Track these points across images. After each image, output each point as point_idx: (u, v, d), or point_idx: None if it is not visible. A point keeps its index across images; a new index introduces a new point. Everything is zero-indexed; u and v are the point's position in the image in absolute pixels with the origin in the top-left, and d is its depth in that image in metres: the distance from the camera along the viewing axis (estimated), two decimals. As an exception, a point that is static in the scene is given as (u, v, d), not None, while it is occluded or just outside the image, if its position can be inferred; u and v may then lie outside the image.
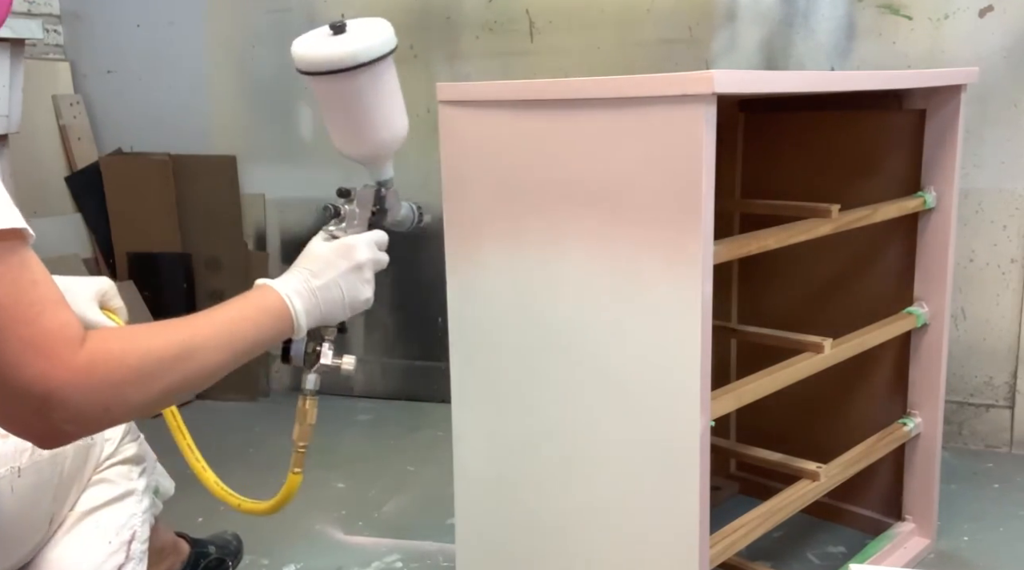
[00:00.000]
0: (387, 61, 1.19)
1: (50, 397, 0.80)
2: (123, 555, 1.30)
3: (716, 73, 1.22)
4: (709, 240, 1.29)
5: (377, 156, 1.27)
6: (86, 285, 1.32)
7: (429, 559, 1.98)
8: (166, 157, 3.04)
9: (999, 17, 2.30)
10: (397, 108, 1.24)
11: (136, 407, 0.88)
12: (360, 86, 1.17)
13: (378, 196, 1.28)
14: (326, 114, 1.23)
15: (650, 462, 1.39)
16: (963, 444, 2.48)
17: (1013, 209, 2.37)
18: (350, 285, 1.15)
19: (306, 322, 1.10)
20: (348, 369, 1.22)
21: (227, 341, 0.97)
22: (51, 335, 0.81)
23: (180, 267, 3.04)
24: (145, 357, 0.87)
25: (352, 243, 1.17)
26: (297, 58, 1.18)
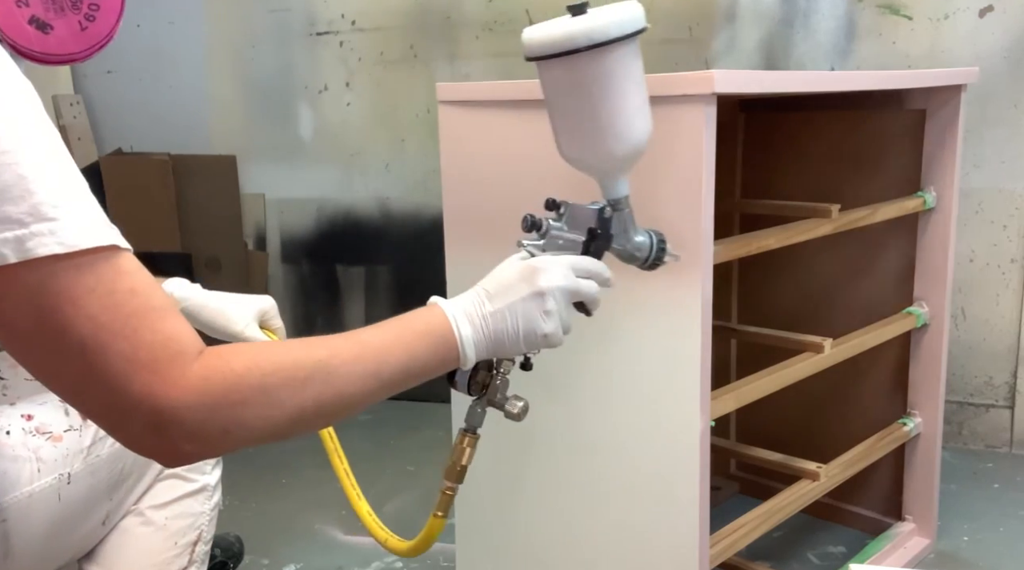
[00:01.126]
0: (632, 44, 1.00)
1: (161, 415, 0.72)
2: (187, 558, 1.26)
3: (716, 73, 1.22)
4: (709, 240, 1.29)
5: (609, 165, 1.07)
6: (248, 303, 1.28)
7: (429, 559, 1.98)
8: (166, 157, 3.04)
9: (999, 17, 2.30)
10: (640, 105, 1.04)
11: (260, 432, 0.78)
12: (599, 70, 0.99)
13: (601, 217, 1.05)
14: (555, 111, 1.05)
15: (650, 462, 1.39)
16: (963, 444, 2.48)
17: (1013, 209, 2.37)
18: (527, 315, 0.95)
19: (474, 353, 0.93)
20: (512, 412, 1.04)
21: (373, 368, 0.85)
22: (155, 348, 0.73)
23: (180, 267, 3.04)
24: (269, 376, 0.77)
25: (539, 265, 0.97)
26: (528, 41, 1.01)
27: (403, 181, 2.92)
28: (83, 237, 0.72)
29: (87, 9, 0.96)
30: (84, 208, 0.74)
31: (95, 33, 0.96)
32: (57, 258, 0.71)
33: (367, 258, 3.02)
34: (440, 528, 1.08)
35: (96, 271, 0.72)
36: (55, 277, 0.71)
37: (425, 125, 2.83)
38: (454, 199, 1.59)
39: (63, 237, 0.71)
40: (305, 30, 2.96)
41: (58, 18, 0.96)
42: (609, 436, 1.44)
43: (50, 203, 0.71)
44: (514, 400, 1.04)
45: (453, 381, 1.02)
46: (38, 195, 0.70)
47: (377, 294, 3.01)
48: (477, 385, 1.03)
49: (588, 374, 1.45)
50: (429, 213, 2.88)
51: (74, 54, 0.98)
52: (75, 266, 0.72)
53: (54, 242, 0.70)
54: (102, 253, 0.73)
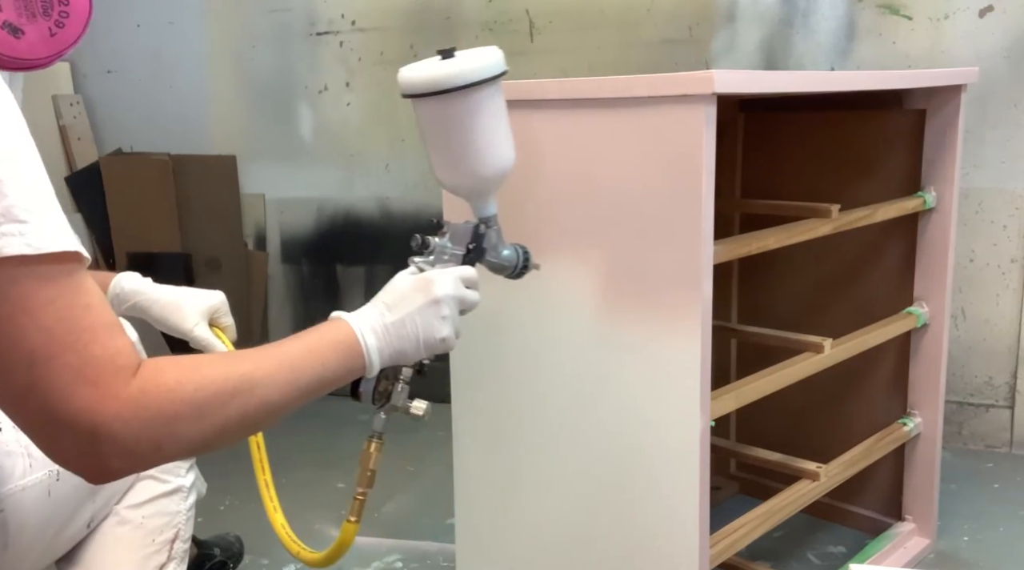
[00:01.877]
0: (494, 85, 1.15)
1: (98, 430, 0.75)
2: (165, 555, 1.28)
3: (716, 73, 1.22)
4: (709, 240, 1.29)
5: (479, 188, 1.19)
6: (199, 300, 1.30)
7: (429, 559, 1.98)
8: (166, 157, 3.04)
9: (999, 17, 2.30)
10: (503, 137, 1.18)
11: (190, 444, 0.82)
12: (464, 109, 1.13)
13: (476, 233, 1.19)
14: (428, 141, 1.18)
15: (650, 462, 1.39)
16: (963, 444, 2.48)
17: (1013, 209, 2.37)
18: (425, 322, 1.05)
19: (379, 360, 1.02)
20: (417, 414, 1.15)
21: (291, 377, 0.90)
22: (102, 363, 0.75)
23: (180, 267, 3.04)
24: (200, 390, 0.81)
25: (432, 277, 1.07)
26: (403, 81, 1.14)
27: (403, 181, 2.92)
28: (51, 242, 0.75)
29: (57, 16, 0.98)
30: (53, 216, 0.77)
31: (62, 39, 0.99)
32: (23, 261, 0.73)
33: (367, 258, 3.02)
34: (354, 532, 1.16)
35: (57, 284, 0.75)
36: (16, 283, 0.73)
37: (425, 125, 2.83)
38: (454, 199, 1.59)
39: (31, 239, 0.74)
40: (305, 30, 2.96)
41: (30, 23, 0.98)
42: (609, 436, 1.44)
43: (22, 207, 0.74)
44: (417, 403, 1.15)
45: (358, 394, 1.10)
46: (11, 198, 0.73)
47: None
48: (380, 395, 1.12)
49: (588, 374, 1.45)
50: (429, 213, 2.88)
51: (40, 59, 1.00)
52: (38, 276, 0.74)
53: (22, 243, 0.73)
54: (64, 264, 0.76)
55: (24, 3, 0.96)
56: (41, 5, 0.98)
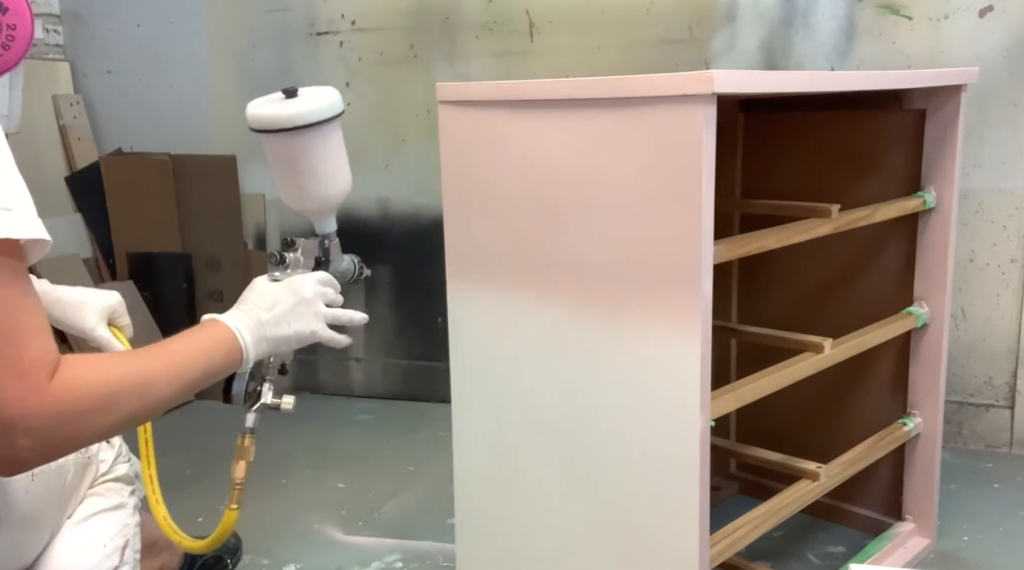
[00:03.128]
0: (332, 124, 1.28)
1: (16, 423, 0.82)
2: (117, 559, 1.33)
3: (716, 73, 1.22)
4: (709, 240, 1.29)
5: (321, 210, 1.36)
6: (97, 300, 1.36)
7: (429, 559, 1.98)
8: (166, 157, 3.04)
9: (999, 17, 2.30)
10: (340, 167, 1.33)
11: (97, 434, 0.92)
12: (304, 145, 1.27)
13: (322, 247, 1.36)
14: (275, 170, 1.32)
15: (650, 462, 1.39)
16: (963, 444, 2.48)
17: (1013, 209, 2.37)
18: (297, 319, 1.19)
19: (255, 354, 1.14)
20: (287, 409, 1.27)
21: (181, 372, 1.01)
22: (33, 360, 0.83)
23: (180, 267, 3.04)
24: (109, 386, 0.91)
25: (298, 281, 1.23)
26: (249, 117, 1.27)
27: (403, 181, 2.92)
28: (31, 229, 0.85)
29: (4, 39, 1.06)
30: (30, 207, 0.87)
31: (7, 60, 1.07)
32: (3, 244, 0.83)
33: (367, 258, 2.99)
34: (233, 519, 1.29)
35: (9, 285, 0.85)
36: None
37: (425, 125, 2.83)
38: (454, 199, 1.59)
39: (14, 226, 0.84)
40: (305, 30, 2.96)
41: None
42: (609, 436, 1.44)
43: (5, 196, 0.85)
44: (285, 399, 1.28)
45: (230, 397, 1.25)
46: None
47: (377, 294, 3.01)
48: (251, 395, 1.26)
49: (588, 374, 1.44)
50: (429, 213, 2.88)
51: None
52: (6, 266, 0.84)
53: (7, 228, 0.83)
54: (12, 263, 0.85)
55: None
56: None
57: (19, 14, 1.06)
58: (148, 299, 3.00)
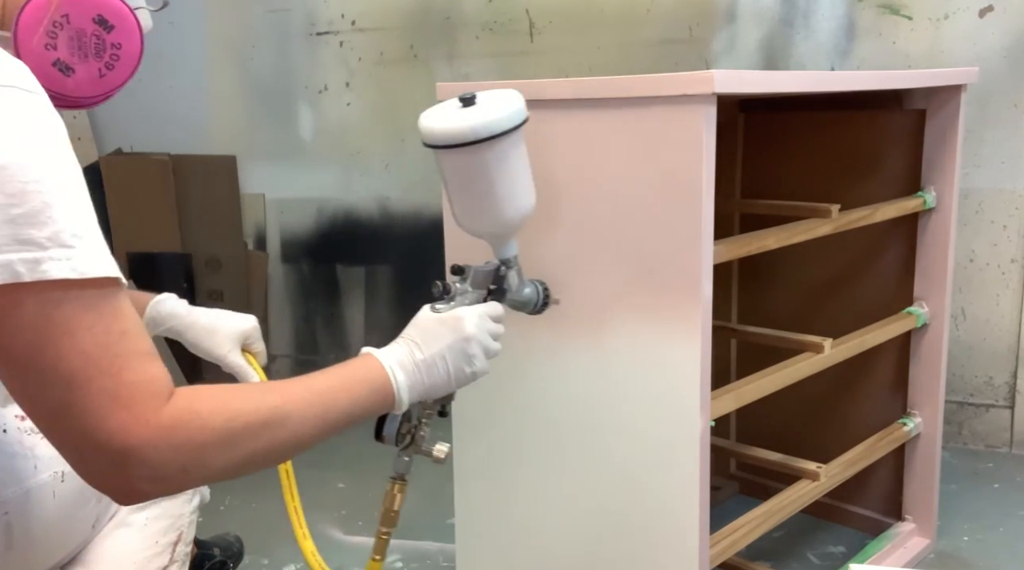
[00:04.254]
0: (516, 134, 1.13)
1: (129, 453, 0.77)
2: (167, 557, 1.29)
3: (716, 73, 1.22)
4: (709, 240, 1.29)
5: (501, 233, 1.19)
6: (233, 325, 1.32)
7: (429, 559, 1.98)
8: (166, 157, 3.04)
9: (999, 17, 2.30)
10: (525, 183, 1.17)
11: (217, 471, 0.84)
12: (485, 160, 1.11)
13: (497, 275, 1.20)
14: (450, 188, 1.17)
15: (650, 462, 1.39)
16: (963, 444, 2.48)
17: (1013, 209, 2.37)
18: (456, 358, 1.07)
19: (408, 397, 1.04)
20: (439, 457, 1.16)
21: (320, 411, 0.92)
22: (135, 388, 0.78)
23: (180, 267, 3.04)
24: (232, 421, 0.84)
25: (460, 315, 1.09)
26: (424, 131, 1.13)
27: (403, 181, 2.92)
28: (94, 267, 0.78)
29: (108, 58, 1.01)
30: (97, 242, 0.80)
31: (111, 81, 1.02)
32: (68, 285, 0.77)
33: (367, 258, 3.02)
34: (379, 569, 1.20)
35: (98, 310, 0.78)
36: (60, 307, 0.76)
37: (425, 125, 2.83)
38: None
39: (76, 264, 0.77)
40: (305, 30, 2.96)
41: (81, 63, 1.00)
42: (609, 436, 1.44)
43: (70, 233, 0.77)
44: (439, 445, 1.16)
45: (381, 436, 1.14)
46: (60, 224, 0.77)
47: (377, 294, 3.01)
48: (403, 437, 1.15)
49: (588, 373, 1.44)
50: (429, 213, 2.88)
51: (85, 98, 1.03)
52: (81, 300, 0.78)
53: (68, 267, 0.76)
54: (105, 289, 0.79)
55: (78, 43, 0.99)
56: (94, 46, 1.00)
57: (127, 33, 1.00)
58: (148, 299, 3.00)
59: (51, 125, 0.80)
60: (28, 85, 0.80)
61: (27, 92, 0.79)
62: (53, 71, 0.98)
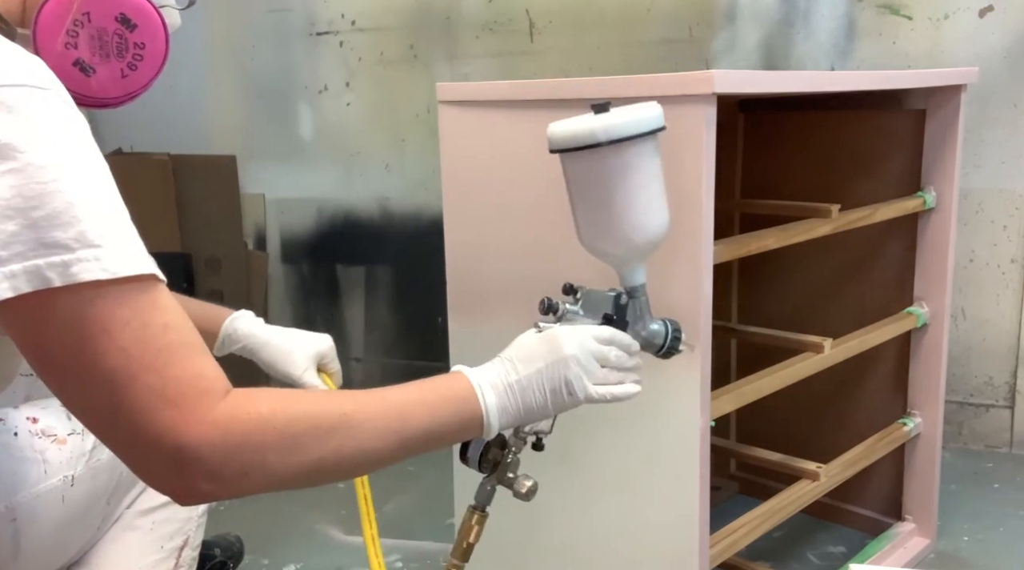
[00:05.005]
0: (649, 142, 1.04)
1: (183, 451, 0.73)
2: (173, 561, 1.28)
3: (716, 73, 1.22)
4: (709, 240, 1.29)
5: (627, 255, 1.09)
6: (308, 345, 1.31)
7: (429, 559, 1.98)
8: (166, 157, 3.04)
9: (999, 17, 2.30)
10: (655, 199, 1.06)
11: (279, 476, 0.79)
12: (618, 165, 1.03)
13: (617, 304, 1.08)
14: (576, 200, 1.09)
15: (650, 462, 1.39)
16: (963, 444, 2.48)
17: (1013, 209, 2.37)
18: (553, 382, 0.98)
19: (499, 421, 0.95)
20: (521, 492, 1.07)
21: (396, 425, 0.87)
22: (183, 384, 0.74)
23: (180, 267, 3.04)
24: (294, 423, 0.79)
25: (559, 333, 1.01)
26: (552, 136, 1.06)
27: (403, 181, 2.92)
28: (125, 265, 0.74)
29: (131, 58, 0.99)
30: (127, 238, 0.77)
31: (134, 81, 1.00)
32: (99, 285, 0.73)
33: (367, 258, 3.02)
34: None
35: (133, 304, 0.75)
36: (93, 305, 0.73)
37: (425, 125, 2.83)
38: (454, 199, 1.59)
39: (107, 264, 0.73)
40: (305, 30, 2.96)
41: (102, 63, 0.97)
42: (608, 436, 1.44)
43: (96, 231, 0.74)
44: (523, 479, 1.06)
45: (466, 458, 1.05)
46: (85, 222, 0.73)
47: (377, 294, 3.01)
48: (488, 463, 1.06)
49: (588, 374, 1.44)
50: (429, 213, 2.88)
51: (109, 99, 1.01)
52: (114, 296, 0.74)
53: (98, 268, 0.73)
54: (141, 284, 0.76)
55: (99, 43, 0.96)
56: (116, 46, 0.98)
57: (151, 32, 0.98)
58: (148, 299, 3.00)
59: (67, 121, 0.76)
60: (41, 81, 0.76)
61: (40, 89, 0.75)
62: (74, 71, 0.95)
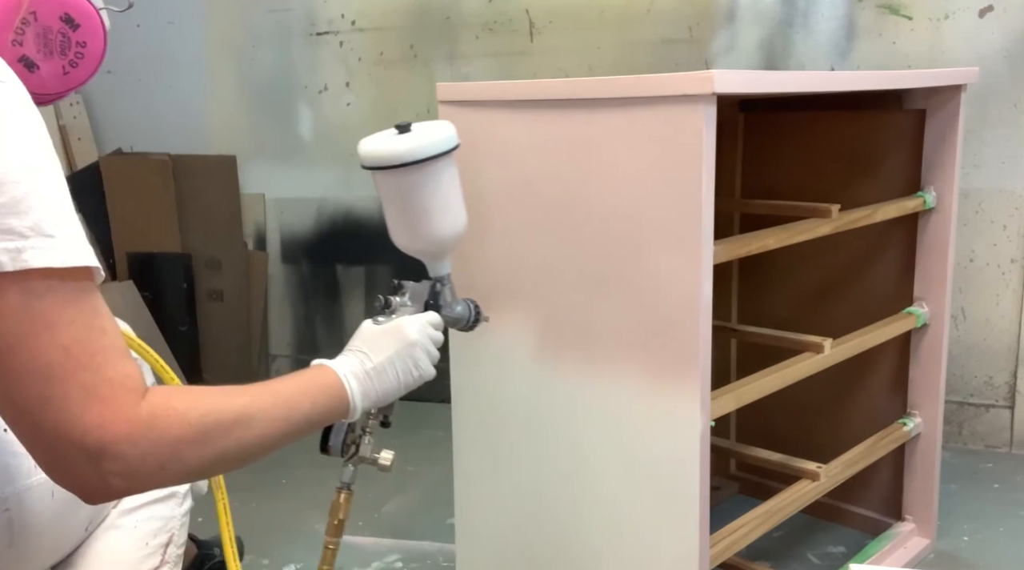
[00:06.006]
0: (447, 158, 1.23)
1: (105, 448, 0.78)
2: (158, 558, 1.29)
3: (716, 73, 1.22)
4: (709, 240, 1.29)
5: (434, 251, 1.29)
6: None
7: (429, 559, 1.98)
8: (166, 157, 3.04)
9: (999, 17, 2.30)
10: (455, 205, 1.27)
11: (191, 468, 0.85)
12: (420, 181, 1.22)
13: (433, 291, 1.29)
14: (387, 209, 1.27)
15: (650, 462, 1.39)
16: (963, 444, 2.48)
17: (1013, 209, 2.37)
18: (403, 364, 1.14)
19: (362, 404, 1.08)
20: (385, 465, 1.22)
21: (284, 413, 0.96)
22: (114, 384, 0.79)
23: (180, 267, 3.04)
24: (206, 417, 0.85)
25: (403, 323, 1.17)
26: (362, 154, 1.23)
27: (403, 181, 2.92)
28: (75, 256, 0.80)
29: (73, 56, 1.04)
30: (77, 232, 0.82)
31: (74, 78, 1.05)
32: (49, 274, 0.77)
33: (367, 258, 3.02)
34: None
35: (79, 305, 0.79)
36: (43, 300, 0.77)
37: (425, 125, 2.83)
38: (454, 199, 1.59)
39: (59, 254, 0.78)
40: (305, 30, 2.96)
41: (45, 60, 1.02)
42: (608, 436, 1.44)
43: (50, 222, 0.79)
44: (384, 454, 1.22)
45: (327, 448, 1.21)
46: (40, 213, 0.78)
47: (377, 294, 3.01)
48: (348, 447, 1.22)
49: (588, 374, 1.44)
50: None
51: (49, 95, 1.06)
52: (63, 294, 0.79)
53: (50, 257, 0.77)
54: (85, 283, 0.81)
55: (44, 41, 1.01)
56: (60, 44, 1.02)
57: (91, 32, 1.03)
58: (148, 299, 3.00)
59: (25, 114, 0.80)
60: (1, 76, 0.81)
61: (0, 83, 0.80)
62: (19, 67, 0.99)
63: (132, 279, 3.02)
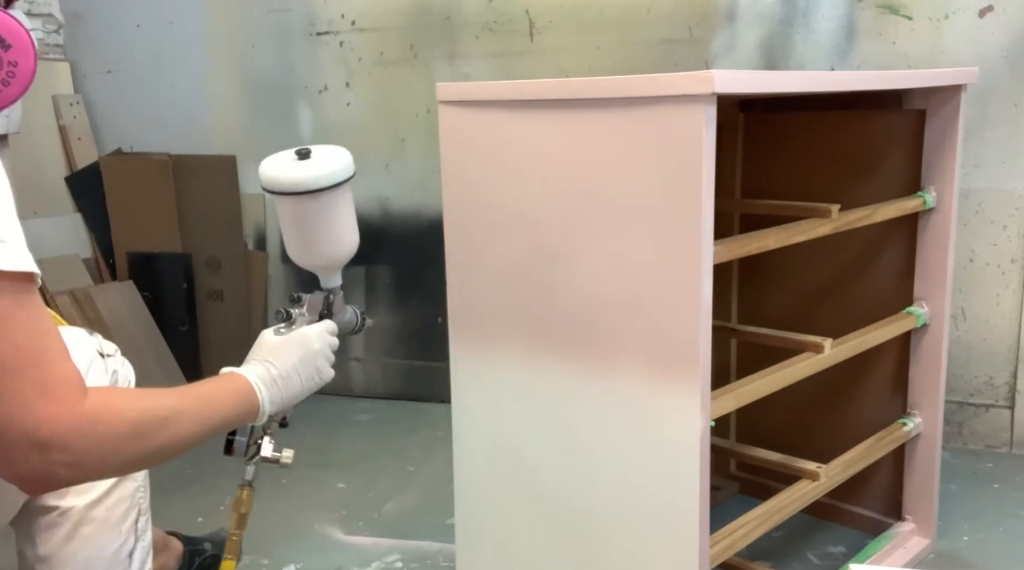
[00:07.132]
0: (344, 187, 1.33)
1: (54, 440, 0.84)
2: (132, 539, 1.34)
3: (716, 73, 1.22)
4: (709, 240, 1.29)
5: (328, 268, 1.43)
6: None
7: (429, 559, 1.98)
8: (166, 157, 3.04)
9: (999, 17, 2.30)
10: (348, 227, 1.39)
11: (128, 462, 0.94)
12: (317, 207, 1.32)
13: (327, 302, 1.42)
14: (284, 228, 1.37)
15: (650, 462, 1.39)
16: (963, 444, 2.48)
17: (1013, 209, 2.37)
18: (307, 370, 1.26)
19: (270, 408, 1.19)
20: (287, 462, 1.32)
21: (206, 415, 1.05)
22: (62, 381, 0.86)
23: (180, 267, 3.04)
24: (143, 414, 0.94)
25: (306, 332, 1.29)
26: (263, 177, 1.32)
27: (403, 181, 2.92)
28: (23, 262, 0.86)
29: (4, 75, 1.06)
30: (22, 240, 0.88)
31: (6, 96, 1.08)
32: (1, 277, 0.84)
33: (367, 258, 3.01)
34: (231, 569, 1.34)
35: (29, 307, 0.87)
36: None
37: (425, 125, 2.83)
38: (454, 199, 1.59)
39: (10, 259, 0.85)
40: (305, 30, 2.96)
41: None
42: (608, 436, 1.44)
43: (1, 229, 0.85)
44: (286, 452, 1.32)
45: (231, 449, 1.30)
46: None
47: (377, 294, 3.01)
48: (250, 448, 1.31)
49: (588, 374, 1.44)
50: (429, 213, 2.88)
51: None
52: (14, 296, 0.85)
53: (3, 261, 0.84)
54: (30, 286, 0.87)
55: None
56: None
57: (22, 51, 1.06)
58: (148, 299, 3.00)
59: None
60: None
61: None
62: None
63: (132, 279, 3.02)
